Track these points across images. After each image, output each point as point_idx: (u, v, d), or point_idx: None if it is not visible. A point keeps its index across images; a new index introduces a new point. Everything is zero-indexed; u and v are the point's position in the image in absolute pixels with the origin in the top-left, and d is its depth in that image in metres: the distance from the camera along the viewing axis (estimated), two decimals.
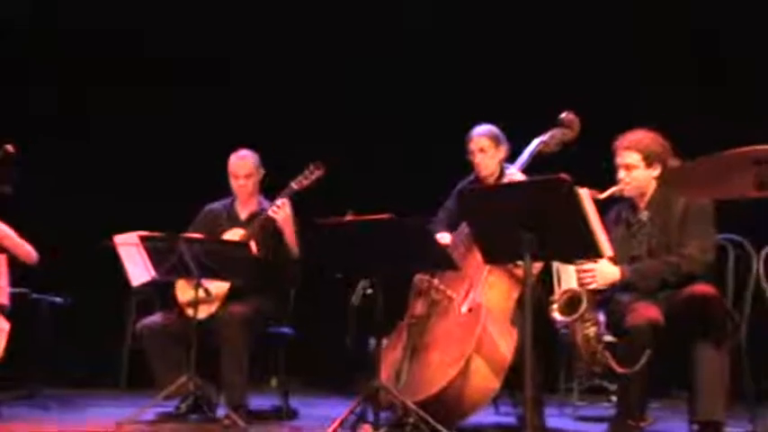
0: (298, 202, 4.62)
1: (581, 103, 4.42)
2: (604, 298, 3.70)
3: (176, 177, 6.19)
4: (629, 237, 3.83)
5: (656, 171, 3.77)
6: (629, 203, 3.88)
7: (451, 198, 4.44)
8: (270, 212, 4.55)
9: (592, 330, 3.56)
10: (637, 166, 3.77)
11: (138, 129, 6.46)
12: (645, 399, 3.72)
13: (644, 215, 3.81)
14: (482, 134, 4.38)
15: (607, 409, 4.90)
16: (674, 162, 3.76)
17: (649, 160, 3.76)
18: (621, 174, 3.79)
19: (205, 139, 6.08)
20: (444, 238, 4.23)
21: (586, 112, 4.35)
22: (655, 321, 3.53)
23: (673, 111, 5.24)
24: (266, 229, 4.59)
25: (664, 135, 3.82)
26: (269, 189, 4.76)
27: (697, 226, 3.68)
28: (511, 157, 4.40)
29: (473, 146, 4.38)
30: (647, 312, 3.55)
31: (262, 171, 4.73)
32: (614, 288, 3.72)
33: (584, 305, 3.52)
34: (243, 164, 4.70)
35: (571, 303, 3.58)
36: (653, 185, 3.80)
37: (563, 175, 3.11)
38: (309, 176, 4.59)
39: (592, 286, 3.59)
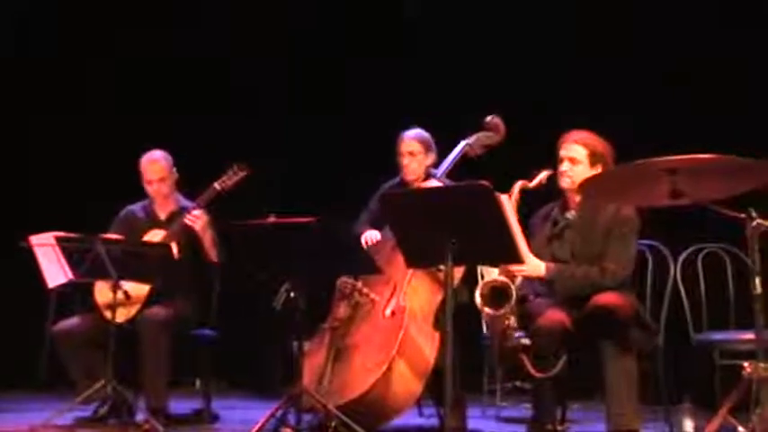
0: (220, 203, 4.54)
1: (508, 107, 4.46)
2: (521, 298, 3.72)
3: (93, 177, 6.05)
4: (553, 236, 3.85)
5: (596, 173, 3.76)
6: (561, 202, 3.89)
7: (374, 199, 4.43)
8: (186, 221, 4.47)
9: (511, 320, 3.57)
10: (581, 162, 3.77)
11: (49, 130, 6.29)
12: (561, 402, 3.76)
13: (571, 214, 3.82)
14: (413, 137, 4.38)
15: (529, 410, 4.93)
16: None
17: (594, 159, 3.76)
18: (564, 166, 3.78)
19: (125, 137, 5.93)
20: (374, 234, 4.22)
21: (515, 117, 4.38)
22: (561, 324, 3.57)
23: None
24: (186, 232, 4.51)
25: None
26: (191, 189, 4.68)
27: (620, 240, 3.69)
28: (437, 162, 4.41)
29: (403, 148, 4.37)
30: (554, 316, 3.59)
31: (175, 171, 4.65)
32: (533, 286, 3.76)
33: (513, 298, 3.54)
34: (155, 168, 4.60)
35: (494, 295, 3.58)
36: None
37: (483, 182, 3.13)
38: (233, 177, 4.52)
39: (520, 274, 3.62)
